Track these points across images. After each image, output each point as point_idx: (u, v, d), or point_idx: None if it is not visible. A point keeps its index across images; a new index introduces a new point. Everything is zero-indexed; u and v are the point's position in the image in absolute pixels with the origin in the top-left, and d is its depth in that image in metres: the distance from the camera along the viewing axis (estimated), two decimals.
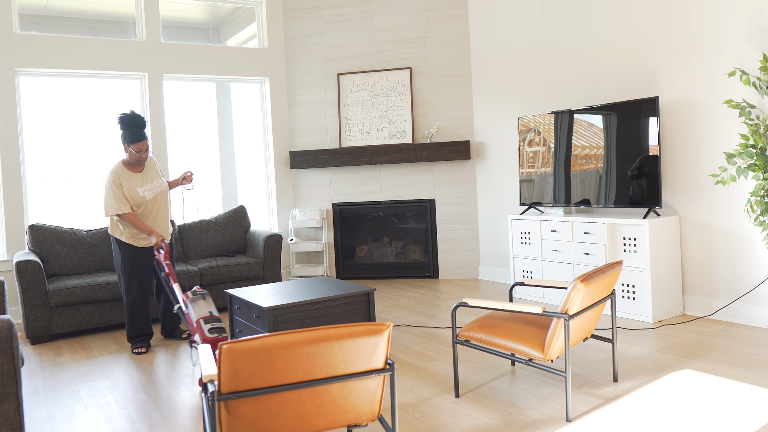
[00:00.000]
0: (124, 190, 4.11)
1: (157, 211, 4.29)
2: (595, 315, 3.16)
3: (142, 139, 4.10)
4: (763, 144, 3.74)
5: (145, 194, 4.20)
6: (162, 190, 4.32)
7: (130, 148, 4.09)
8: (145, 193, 4.21)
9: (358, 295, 4.14)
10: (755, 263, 4.16)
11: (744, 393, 3.02)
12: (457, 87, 6.36)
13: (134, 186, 4.17)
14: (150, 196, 4.23)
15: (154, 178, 4.29)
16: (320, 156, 6.51)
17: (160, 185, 4.31)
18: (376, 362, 2.12)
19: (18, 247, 5.40)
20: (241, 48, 6.78)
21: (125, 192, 4.11)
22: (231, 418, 2.00)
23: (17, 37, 5.45)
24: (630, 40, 4.85)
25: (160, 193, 4.31)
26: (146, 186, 4.23)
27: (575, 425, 2.76)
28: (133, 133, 4.07)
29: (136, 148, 4.08)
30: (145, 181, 4.22)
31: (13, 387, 2.23)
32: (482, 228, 6.34)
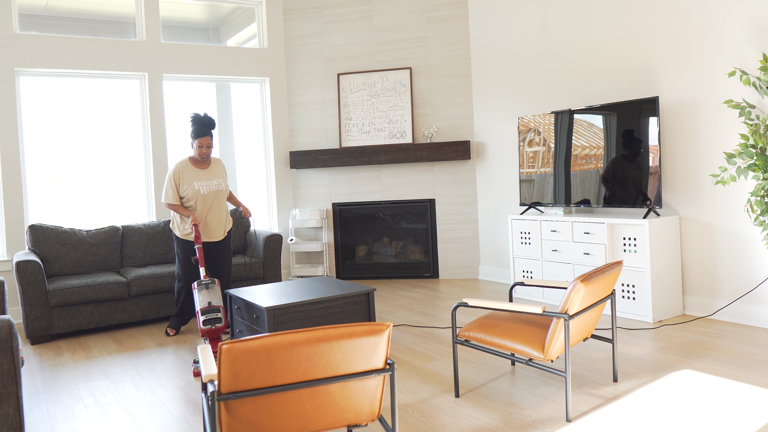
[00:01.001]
0: (182, 182, 4.46)
1: (209, 208, 4.54)
2: (595, 315, 3.16)
3: (204, 135, 4.42)
4: (763, 144, 3.74)
5: (200, 188, 4.48)
6: (219, 190, 4.56)
7: (194, 143, 4.43)
8: (201, 187, 4.49)
9: (358, 295, 4.14)
10: (755, 263, 4.16)
11: (744, 393, 3.02)
12: (457, 87, 6.36)
13: (192, 179, 4.48)
14: (205, 191, 4.50)
15: (215, 177, 4.58)
16: (320, 156, 6.51)
17: (219, 185, 4.58)
18: (376, 362, 2.12)
19: (18, 247, 5.40)
20: (241, 48, 6.78)
21: (182, 183, 4.46)
22: (231, 418, 2.00)
23: (17, 37, 5.45)
24: (630, 40, 4.85)
25: (217, 192, 4.55)
26: (205, 182, 4.51)
27: (575, 425, 2.76)
28: (197, 129, 4.41)
29: (198, 142, 4.42)
30: (205, 178, 4.53)
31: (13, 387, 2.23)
32: (482, 228, 6.34)
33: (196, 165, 4.55)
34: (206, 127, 4.44)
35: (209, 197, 4.53)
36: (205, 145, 4.45)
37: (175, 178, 4.49)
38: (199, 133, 4.43)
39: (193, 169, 4.52)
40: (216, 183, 4.58)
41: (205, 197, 4.51)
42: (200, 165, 4.55)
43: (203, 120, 4.44)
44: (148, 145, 6.06)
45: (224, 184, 4.63)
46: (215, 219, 4.59)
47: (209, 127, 4.47)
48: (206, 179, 4.54)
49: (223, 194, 4.60)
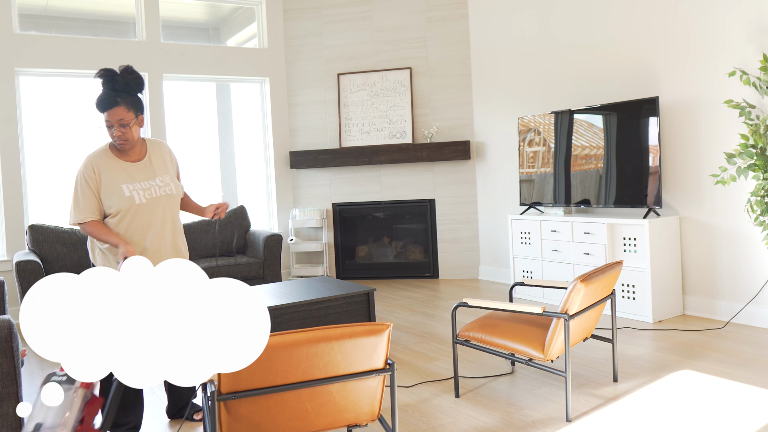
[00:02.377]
0: (102, 183, 2.69)
1: (161, 223, 2.78)
2: (595, 315, 3.16)
3: (112, 105, 2.62)
4: (763, 144, 3.74)
5: (133, 194, 2.70)
6: (168, 194, 2.80)
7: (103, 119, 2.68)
8: (135, 192, 2.71)
9: (358, 295, 4.14)
10: (755, 263, 4.15)
11: (744, 393, 3.02)
12: (457, 87, 6.35)
13: (118, 180, 2.70)
14: (142, 198, 2.71)
15: (157, 174, 2.80)
16: (320, 156, 6.51)
17: (166, 186, 2.81)
18: (376, 362, 2.12)
19: (18, 247, 5.40)
20: (241, 48, 6.78)
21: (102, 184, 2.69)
22: (231, 418, 2.00)
23: (17, 37, 5.45)
24: (630, 41, 4.85)
25: (165, 198, 2.78)
26: (141, 183, 2.74)
27: (575, 425, 2.76)
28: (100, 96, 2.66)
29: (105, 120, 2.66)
30: (141, 177, 2.75)
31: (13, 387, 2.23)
32: (482, 228, 6.34)
33: (122, 156, 2.75)
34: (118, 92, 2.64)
35: (155, 207, 2.75)
36: (116, 122, 2.64)
37: (87, 177, 2.68)
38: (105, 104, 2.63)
39: (118, 164, 2.73)
40: (159, 183, 2.78)
41: (147, 208, 2.73)
42: (128, 156, 2.76)
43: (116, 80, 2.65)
44: None
45: (174, 184, 2.84)
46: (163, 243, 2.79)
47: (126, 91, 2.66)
48: (142, 178, 2.75)
49: (173, 200, 2.83)
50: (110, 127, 2.65)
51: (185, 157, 6.39)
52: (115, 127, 2.65)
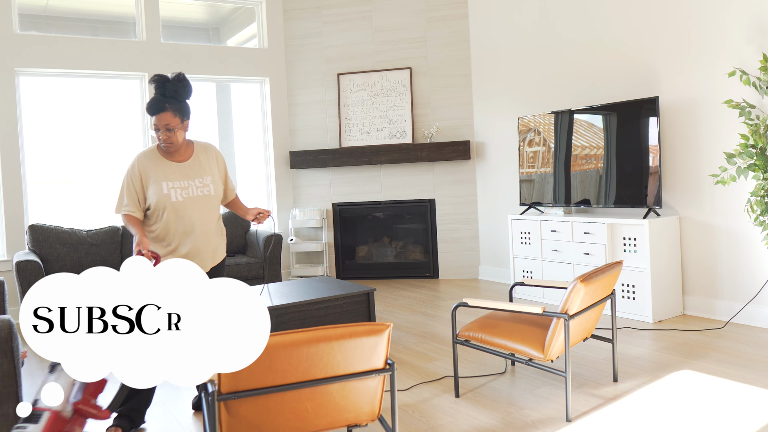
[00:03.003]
0: (145, 180, 2.85)
1: (193, 223, 2.87)
2: (595, 315, 3.16)
3: (160, 110, 2.77)
4: (763, 144, 3.74)
5: (170, 192, 2.83)
6: (206, 195, 2.90)
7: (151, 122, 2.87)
8: (172, 191, 2.83)
9: (358, 295, 4.14)
10: (755, 263, 4.15)
11: (744, 393, 3.02)
12: (457, 87, 6.35)
13: (161, 178, 2.85)
14: (179, 197, 2.84)
15: (199, 176, 2.92)
16: (320, 156, 6.51)
17: (205, 187, 2.91)
18: (376, 362, 2.12)
19: (18, 247, 5.40)
20: (241, 48, 6.78)
21: (142, 185, 2.85)
22: (231, 418, 2.00)
23: (17, 37, 5.45)
24: (630, 40, 4.85)
25: (202, 198, 2.89)
26: (180, 182, 2.86)
27: (575, 425, 2.76)
28: (150, 101, 2.81)
29: (153, 124, 2.82)
30: (182, 176, 2.88)
31: (13, 387, 2.23)
32: (482, 228, 6.34)
33: (167, 156, 2.91)
34: (167, 98, 2.80)
35: (187, 207, 2.85)
36: (163, 126, 2.79)
37: (131, 175, 2.86)
38: (154, 108, 2.79)
39: (164, 164, 2.88)
40: (200, 184, 2.91)
41: (179, 207, 2.84)
42: (173, 156, 2.91)
43: (167, 86, 2.81)
44: (147, 146, 6.06)
45: (214, 186, 2.95)
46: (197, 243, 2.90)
47: (175, 98, 2.82)
48: (185, 178, 2.88)
49: (210, 201, 2.93)
50: (157, 130, 2.81)
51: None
52: (162, 131, 2.80)
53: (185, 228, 2.87)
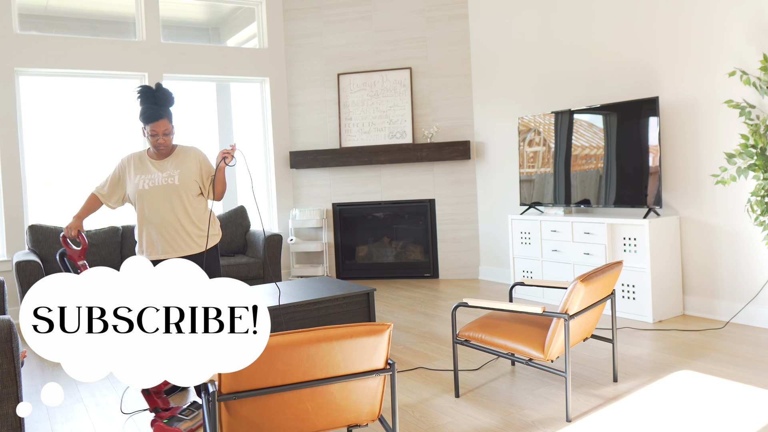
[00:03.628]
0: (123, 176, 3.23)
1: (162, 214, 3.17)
2: (595, 315, 3.16)
3: (158, 118, 3.07)
4: (763, 144, 3.74)
5: (139, 182, 3.16)
6: (168, 184, 3.17)
7: (146, 130, 3.13)
8: (141, 181, 3.16)
9: (358, 295, 4.14)
10: (755, 263, 4.15)
11: (744, 393, 3.02)
12: (457, 87, 6.35)
13: (136, 172, 3.20)
14: (145, 185, 3.15)
15: (168, 169, 3.20)
16: (320, 156, 6.51)
17: (170, 177, 3.18)
18: (376, 362, 2.12)
19: (18, 247, 5.40)
20: (241, 48, 6.78)
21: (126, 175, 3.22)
22: (231, 419, 2.00)
23: (17, 37, 5.45)
24: (630, 41, 4.85)
25: (166, 188, 3.16)
26: (151, 175, 3.18)
27: (575, 425, 2.76)
28: (146, 111, 3.08)
29: (150, 129, 3.09)
30: (153, 171, 3.19)
31: (13, 387, 2.23)
32: (482, 228, 6.34)
33: (154, 156, 3.25)
34: (160, 106, 3.11)
35: (152, 194, 3.15)
36: (161, 132, 3.10)
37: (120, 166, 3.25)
38: (152, 116, 3.07)
39: (147, 161, 3.22)
40: (165, 175, 3.17)
41: (145, 194, 3.15)
42: (158, 156, 3.24)
43: (156, 96, 3.11)
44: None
45: (179, 177, 3.17)
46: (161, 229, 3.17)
47: (165, 105, 3.14)
48: (152, 172, 3.19)
49: (174, 190, 3.16)
50: (154, 135, 3.11)
51: None
52: (159, 136, 3.12)
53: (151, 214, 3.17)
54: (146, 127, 3.11)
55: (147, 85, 3.15)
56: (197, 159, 3.30)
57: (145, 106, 3.11)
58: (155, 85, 3.18)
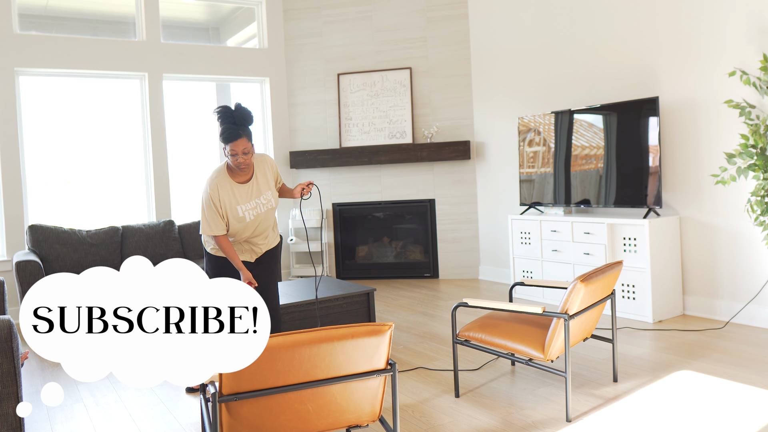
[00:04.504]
0: (222, 203, 3.21)
1: (260, 232, 3.35)
2: (595, 315, 3.16)
3: (236, 137, 3.09)
4: (763, 144, 3.74)
5: (245, 214, 3.24)
6: (270, 208, 3.33)
7: (226, 149, 3.16)
8: (246, 213, 3.24)
9: (358, 295, 4.14)
10: (755, 263, 4.15)
11: (744, 394, 3.02)
12: (457, 87, 6.35)
13: (235, 203, 3.22)
14: (251, 216, 3.25)
15: (262, 192, 3.30)
16: (320, 156, 6.51)
17: (268, 202, 3.32)
18: (377, 363, 2.12)
19: (18, 247, 5.40)
20: (241, 48, 6.78)
21: (222, 205, 3.21)
22: (232, 419, 2.00)
23: (17, 37, 5.45)
24: (630, 40, 4.85)
25: (267, 212, 3.33)
26: (250, 203, 3.26)
27: (575, 425, 2.76)
28: (226, 131, 3.10)
29: (230, 149, 3.11)
30: (250, 196, 3.27)
31: (13, 387, 2.23)
32: (482, 228, 6.34)
33: (236, 178, 3.26)
34: (239, 126, 3.13)
35: (257, 221, 3.29)
36: (240, 151, 3.11)
37: (213, 199, 3.20)
38: (229, 136, 3.10)
39: (234, 187, 3.24)
40: (264, 201, 3.30)
41: (252, 222, 3.27)
42: (241, 177, 3.26)
43: (235, 115, 3.14)
44: (148, 145, 6.06)
45: (274, 198, 3.35)
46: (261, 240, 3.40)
47: (244, 125, 3.16)
48: (253, 197, 3.26)
49: (273, 212, 3.38)
50: (234, 155, 3.13)
51: (185, 157, 6.39)
52: (239, 155, 3.12)
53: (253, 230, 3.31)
54: (226, 147, 3.13)
55: (226, 105, 3.18)
56: (273, 170, 3.43)
57: (225, 126, 3.13)
58: (234, 105, 3.19)
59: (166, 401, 3.32)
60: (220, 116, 3.15)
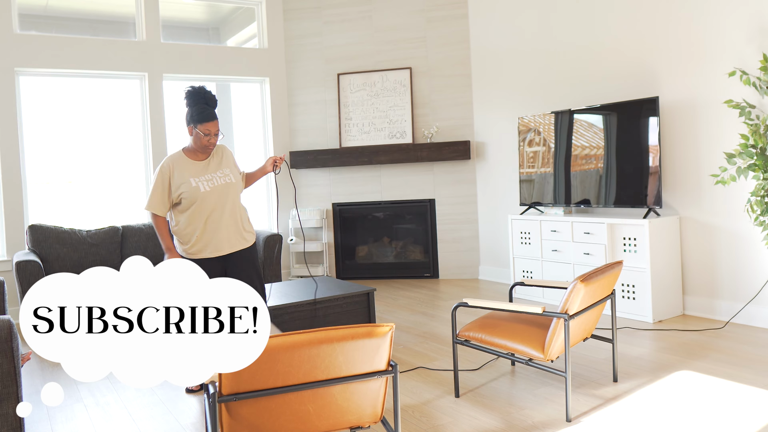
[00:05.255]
0: (173, 180, 3.23)
1: (220, 212, 3.27)
2: (595, 315, 3.16)
3: (213, 118, 3.22)
4: (763, 144, 3.74)
5: (199, 185, 3.22)
6: (228, 183, 3.31)
7: (196, 130, 3.22)
8: (200, 183, 3.23)
9: (358, 295, 4.14)
10: (755, 263, 4.16)
11: (744, 393, 3.02)
12: (457, 87, 6.35)
13: (188, 175, 3.24)
14: (206, 187, 3.23)
15: (219, 168, 3.33)
16: (320, 156, 6.51)
17: (226, 176, 3.32)
18: (378, 364, 2.12)
19: (18, 247, 5.40)
20: (241, 48, 6.78)
21: (173, 182, 3.23)
22: (232, 420, 2.00)
23: (17, 37, 5.44)
24: (630, 40, 4.85)
25: (225, 186, 3.29)
26: (205, 176, 3.27)
27: (575, 426, 2.76)
28: (203, 111, 3.21)
29: (204, 129, 3.19)
30: (205, 171, 3.29)
31: (13, 387, 2.23)
32: (482, 228, 6.34)
33: (193, 157, 3.32)
34: (212, 106, 3.28)
35: (217, 196, 3.27)
36: (213, 132, 3.23)
37: (164, 173, 3.24)
38: (207, 116, 3.21)
39: (189, 163, 3.29)
40: (221, 175, 3.31)
41: (211, 197, 3.25)
42: (199, 156, 3.33)
43: (207, 96, 3.27)
44: (148, 145, 6.06)
45: (234, 175, 3.37)
46: (229, 228, 3.31)
47: (215, 107, 3.31)
48: (209, 172, 3.30)
49: (233, 188, 3.35)
50: (207, 135, 3.22)
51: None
52: (212, 135, 3.23)
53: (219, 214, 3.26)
54: (198, 127, 3.21)
55: (195, 87, 3.28)
56: (232, 157, 3.47)
57: (200, 106, 3.23)
58: (199, 87, 3.29)
59: (166, 401, 3.32)
60: (192, 97, 3.24)
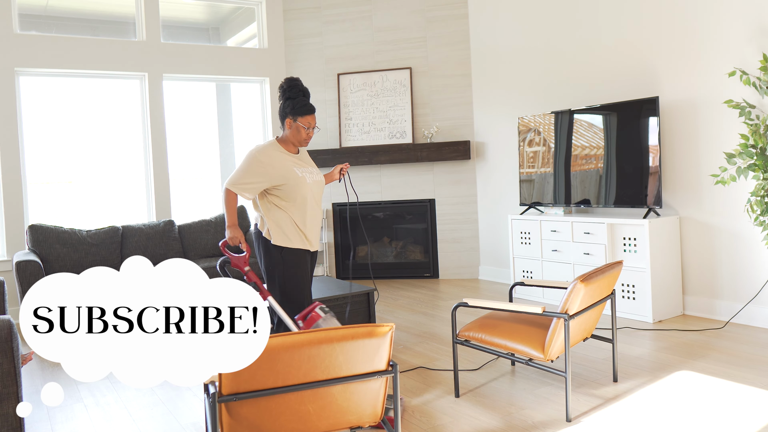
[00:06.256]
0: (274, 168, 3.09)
1: (314, 205, 3.24)
2: (595, 315, 3.16)
3: (313, 111, 3.18)
4: (763, 144, 3.74)
5: (305, 175, 3.18)
6: (320, 181, 3.30)
7: (297, 122, 3.15)
8: (303, 173, 3.18)
9: (358, 295, 4.14)
10: (755, 263, 4.16)
11: (744, 393, 3.02)
12: (457, 87, 6.35)
13: (291, 165, 3.16)
14: (310, 179, 3.21)
15: (312, 165, 3.33)
16: (320, 156, 6.51)
17: (318, 175, 3.31)
18: (378, 364, 2.12)
19: (18, 247, 5.40)
20: (241, 48, 6.78)
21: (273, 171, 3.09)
22: (232, 420, 2.00)
23: (17, 37, 5.44)
24: (630, 40, 4.85)
25: (319, 184, 3.29)
26: (307, 169, 3.24)
27: (575, 425, 2.76)
28: (305, 104, 3.15)
29: (305, 122, 3.14)
30: (302, 164, 3.23)
31: (13, 387, 2.23)
32: (482, 228, 6.34)
33: (288, 149, 3.24)
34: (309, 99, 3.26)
35: (313, 191, 3.22)
36: (313, 125, 3.19)
37: (261, 161, 3.10)
38: (310, 108, 3.16)
39: (286, 154, 3.19)
40: (315, 171, 3.31)
41: (310, 191, 3.19)
42: (291, 149, 3.24)
43: (305, 90, 3.21)
44: (148, 145, 6.06)
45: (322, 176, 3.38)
46: (318, 220, 3.31)
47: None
48: (303, 165, 3.24)
49: (322, 187, 3.34)
50: (308, 128, 3.17)
51: (185, 158, 6.39)
52: (311, 128, 3.18)
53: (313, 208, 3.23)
54: (299, 119, 3.13)
55: (292, 78, 3.20)
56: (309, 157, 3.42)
57: (301, 99, 3.16)
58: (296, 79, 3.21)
59: (166, 401, 3.32)
60: (292, 89, 3.15)
